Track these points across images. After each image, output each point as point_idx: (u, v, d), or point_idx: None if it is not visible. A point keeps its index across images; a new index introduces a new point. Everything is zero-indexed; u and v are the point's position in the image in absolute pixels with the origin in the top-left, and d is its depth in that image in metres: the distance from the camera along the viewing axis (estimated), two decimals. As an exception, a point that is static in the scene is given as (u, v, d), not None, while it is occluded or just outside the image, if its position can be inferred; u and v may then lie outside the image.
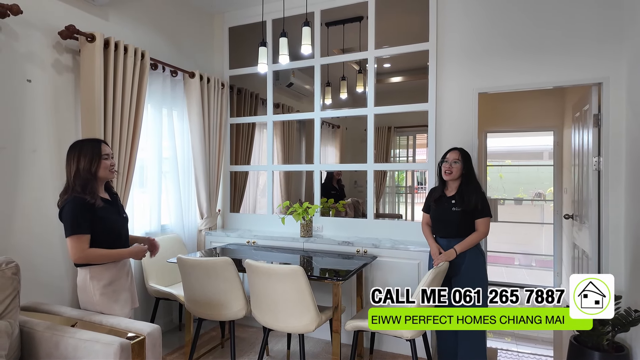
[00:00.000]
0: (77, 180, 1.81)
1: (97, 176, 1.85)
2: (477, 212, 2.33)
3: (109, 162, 1.89)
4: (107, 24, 2.64)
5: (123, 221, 2.01)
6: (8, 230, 2.09)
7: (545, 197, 6.77)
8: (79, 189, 1.80)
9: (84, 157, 1.83)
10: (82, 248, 1.76)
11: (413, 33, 3.07)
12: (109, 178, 1.93)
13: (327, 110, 3.60)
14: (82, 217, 1.77)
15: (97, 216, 1.81)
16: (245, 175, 3.90)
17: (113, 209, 1.95)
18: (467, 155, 2.41)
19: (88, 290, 1.83)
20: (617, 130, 2.56)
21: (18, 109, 2.14)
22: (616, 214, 2.57)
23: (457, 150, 2.41)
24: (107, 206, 1.89)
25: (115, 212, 1.96)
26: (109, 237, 1.87)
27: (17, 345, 1.62)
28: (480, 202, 2.33)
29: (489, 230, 2.37)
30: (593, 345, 2.30)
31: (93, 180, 1.84)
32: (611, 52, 2.55)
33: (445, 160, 2.41)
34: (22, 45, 2.15)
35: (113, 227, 1.90)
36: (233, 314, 2.36)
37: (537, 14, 2.72)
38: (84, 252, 1.77)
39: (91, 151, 1.84)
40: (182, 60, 3.29)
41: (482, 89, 2.86)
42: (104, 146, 1.90)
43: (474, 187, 2.36)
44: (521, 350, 2.94)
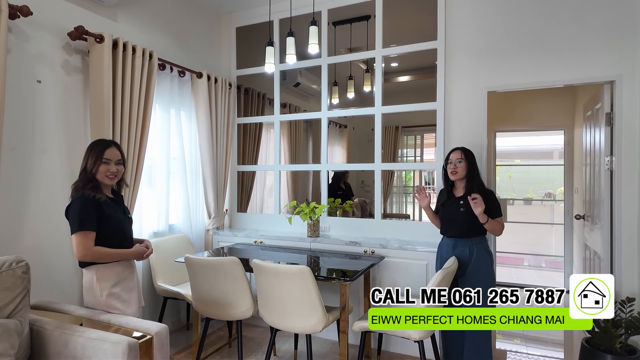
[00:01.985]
0: (80, 176, 1.86)
1: (96, 178, 1.85)
2: (490, 211, 2.28)
3: (107, 167, 1.86)
4: (115, 24, 2.66)
5: (128, 222, 2.02)
6: (18, 230, 2.11)
7: (555, 197, 6.68)
8: (80, 183, 1.82)
9: (91, 157, 1.86)
10: (87, 245, 1.75)
11: (421, 31, 3.04)
12: (106, 183, 1.89)
13: (335, 110, 3.58)
14: (88, 214, 1.77)
15: (104, 214, 1.82)
16: (252, 175, 3.91)
17: (119, 208, 1.96)
18: (470, 154, 2.40)
19: (95, 291, 1.83)
20: (630, 129, 2.51)
21: (28, 109, 2.16)
22: (629, 214, 2.52)
23: (460, 150, 2.41)
24: (113, 204, 1.90)
25: (121, 212, 1.96)
26: (115, 237, 1.87)
27: (27, 344, 1.63)
28: (489, 201, 2.30)
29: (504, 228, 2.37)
30: (605, 348, 2.26)
31: (93, 181, 1.84)
32: (624, 50, 2.50)
33: (450, 162, 2.41)
34: (32, 46, 2.17)
35: (120, 227, 1.91)
36: (240, 314, 2.36)
37: (547, 12, 2.68)
38: (90, 249, 1.76)
39: (96, 153, 1.86)
40: (190, 60, 3.30)
41: (492, 88, 2.82)
42: (109, 151, 1.88)
43: (477, 185, 2.36)
44: (531, 352, 2.90)
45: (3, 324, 1.48)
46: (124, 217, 1.98)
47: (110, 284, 1.85)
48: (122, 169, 1.95)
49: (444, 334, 2.49)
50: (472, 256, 2.33)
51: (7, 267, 1.58)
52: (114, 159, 1.89)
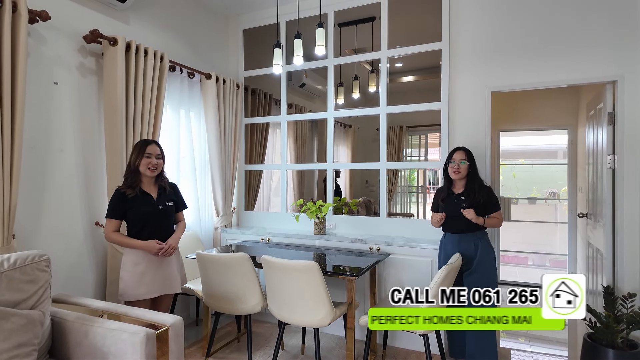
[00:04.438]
0: (127, 168, 2.24)
1: (139, 170, 2.19)
2: (490, 206, 2.47)
3: (148, 160, 2.19)
4: (127, 27, 2.74)
5: (156, 213, 2.24)
6: (36, 226, 2.19)
7: (559, 197, 6.70)
8: (124, 176, 2.23)
9: (134, 153, 2.22)
10: (108, 229, 2.19)
11: (425, 33, 3.09)
12: (148, 175, 2.22)
13: (340, 110, 3.64)
14: (114, 205, 2.17)
15: (128, 205, 2.17)
16: (259, 174, 3.97)
17: (148, 201, 2.23)
18: (470, 153, 2.52)
19: (123, 262, 2.22)
20: (632, 129, 2.55)
21: (45, 110, 2.24)
22: (631, 212, 2.56)
23: (463, 150, 2.51)
24: (141, 198, 2.20)
25: (149, 205, 2.22)
26: (135, 225, 2.20)
27: (49, 335, 1.70)
28: (489, 196, 2.46)
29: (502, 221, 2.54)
30: (607, 343, 2.31)
31: (137, 173, 2.19)
32: (626, 50, 2.54)
33: (452, 161, 2.51)
34: (49, 49, 2.25)
35: (140, 217, 2.19)
36: (250, 308, 2.43)
37: (550, 12, 2.73)
38: (109, 233, 2.19)
39: (138, 148, 2.21)
40: (199, 62, 3.38)
41: (496, 88, 2.87)
42: (150, 147, 2.22)
43: (479, 184, 2.49)
44: (535, 350, 2.94)
45: (28, 314, 1.56)
46: (151, 209, 2.22)
47: (128, 265, 2.19)
48: (161, 163, 2.27)
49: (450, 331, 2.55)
50: (477, 250, 2.43)
51: (30, 260, 1.65)
52: (154, 153, 2.23)
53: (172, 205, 2.33)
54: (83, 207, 2.43)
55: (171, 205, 2.33)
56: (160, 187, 2.29)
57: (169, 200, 2.31)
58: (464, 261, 2.42)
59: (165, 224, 2.30)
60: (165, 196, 2.30)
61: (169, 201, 2.31)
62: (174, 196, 2.38)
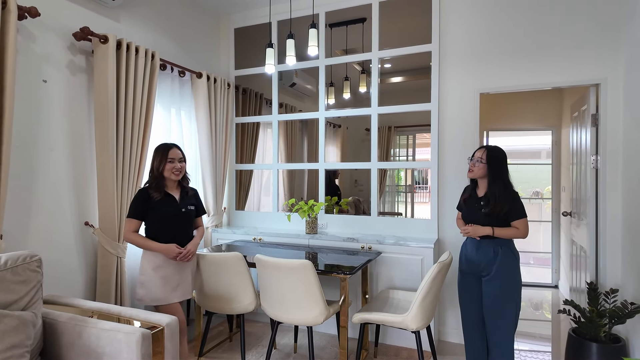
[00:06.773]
0: (150, 174, 2.27)
1: (164, 175, 2.23)
2: (511, 215, 2.19)
3: (172, 165, 2.23)
4: (118, 25, 2.71)
5: (178, 215, 2.28)
6: (25, 226, 2.15)
7: (543, 196, 6.86)
8: (149, 182, 2.26)
9: (157, 158, 2.25)
10: (127, 229, 2.21)
11: (415, 35, 3.14)
12: (173, 179, 2.27)
13: (332, 110, 3.66)
14: (136, 205, 2.21)
15: (150, 206, 2.21)
16: (250, 174, 3.97)
17: (171, 203, 2.26)
18: (492, 155, 2.24)
19: (141, 265, 2.25)
20: (614, 130, 2.65)
21: (34, 108, 2.20)
22: (613, 211, 2.65)
23: (484, 149, 2.28)
24: (164, 199, 2.24)
25: (172, 206, 2.26)
26: (154, 226, 2.23)
27: (41, 336, 1.68)
28: (511, 205, 2.18)
29: (528, 231, 2.20)
30: (591, 337, 2.39)
31: (161, 178, 2.24)
32: (609, 55, 2.63)
33: (472, 158, 2.31)
34: (38, 46, 2.21)
35: (160, 218, 2.22)
36: (243, 308, 2.43)
37: (537, 17, 2.81)
38: (127, 233, 2.22)
39: (161, 154, 2.24)
40: (190, 60, 3.36)
41: (484, 90, 2.94)
42: (172, 151, 2.25)
43: (500, 190, 2.20)
44: (519, 348, 3.02)
45: (19, 316, 1.53)
46: (173, 211, 2.25)
47: (148, 270, 2.22)
48: (184, 166, 2.32)
49: (466, 336, 2.39)
50: (497, 257, 2.21)
51: (22, 261, 1.62)
52: (177, 157, 2.26)
53: (193, 209, 2.37)
54: (73, 206, 2.39)
55: (192, 209, 2.36)
56: (182, 190, 2.34)
57: (190, 203, 2.35)
58: (483, 267, 2.26)
59: (185, 227, 2.32)
60: (187, 199, 2.34)
61: (190, 204, 2.35)
62: (195, 200, 2.41)
